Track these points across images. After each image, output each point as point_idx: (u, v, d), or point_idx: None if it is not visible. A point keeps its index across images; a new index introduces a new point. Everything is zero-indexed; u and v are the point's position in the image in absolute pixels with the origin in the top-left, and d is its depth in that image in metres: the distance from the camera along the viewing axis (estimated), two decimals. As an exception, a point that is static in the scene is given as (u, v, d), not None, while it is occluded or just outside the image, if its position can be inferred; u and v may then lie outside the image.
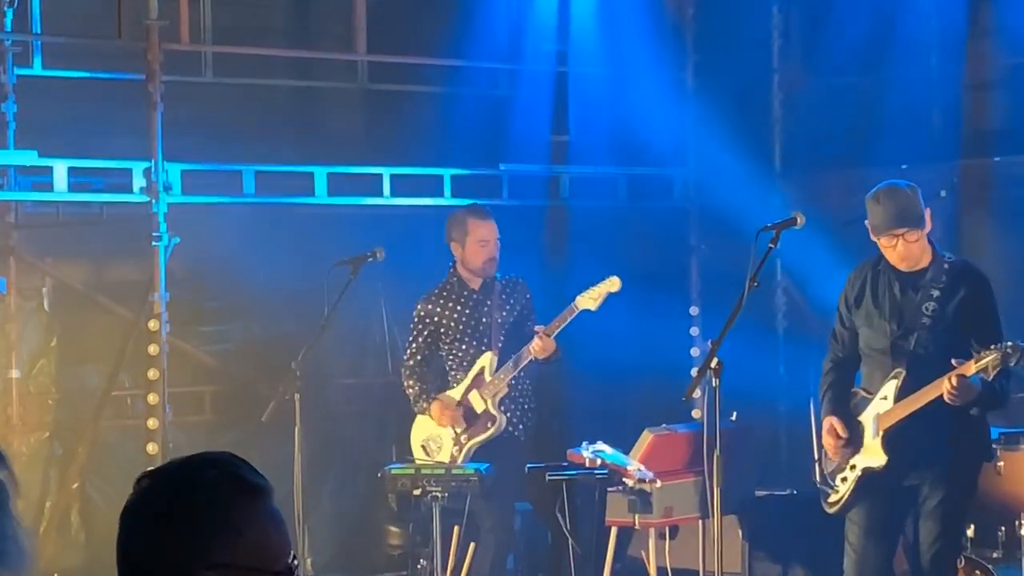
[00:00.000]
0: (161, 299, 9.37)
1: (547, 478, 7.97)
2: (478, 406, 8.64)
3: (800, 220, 6.97)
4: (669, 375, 10.63)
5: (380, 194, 10.28)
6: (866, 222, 7.20)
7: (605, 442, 8.05)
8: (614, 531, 8.26)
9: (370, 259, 8.75)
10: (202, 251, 10.07)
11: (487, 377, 8.64)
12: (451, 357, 8.76)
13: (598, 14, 11.07)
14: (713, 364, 6.77)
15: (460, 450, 8.64)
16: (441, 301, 8.79)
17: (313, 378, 8.79)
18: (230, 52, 10.43)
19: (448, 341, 8.75)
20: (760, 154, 11.36)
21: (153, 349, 9.34)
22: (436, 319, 8.77)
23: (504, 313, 8.72)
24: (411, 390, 8.77)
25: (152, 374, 9.33)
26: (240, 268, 10.30)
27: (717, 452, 6.74)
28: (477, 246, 8.68)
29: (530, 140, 10.76)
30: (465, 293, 8.76)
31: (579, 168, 10.99)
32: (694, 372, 8.49)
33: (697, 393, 8.60)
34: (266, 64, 10.56)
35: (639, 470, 7.90)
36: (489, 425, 8.62)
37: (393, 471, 8.30)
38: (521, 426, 8.68)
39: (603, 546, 8.20)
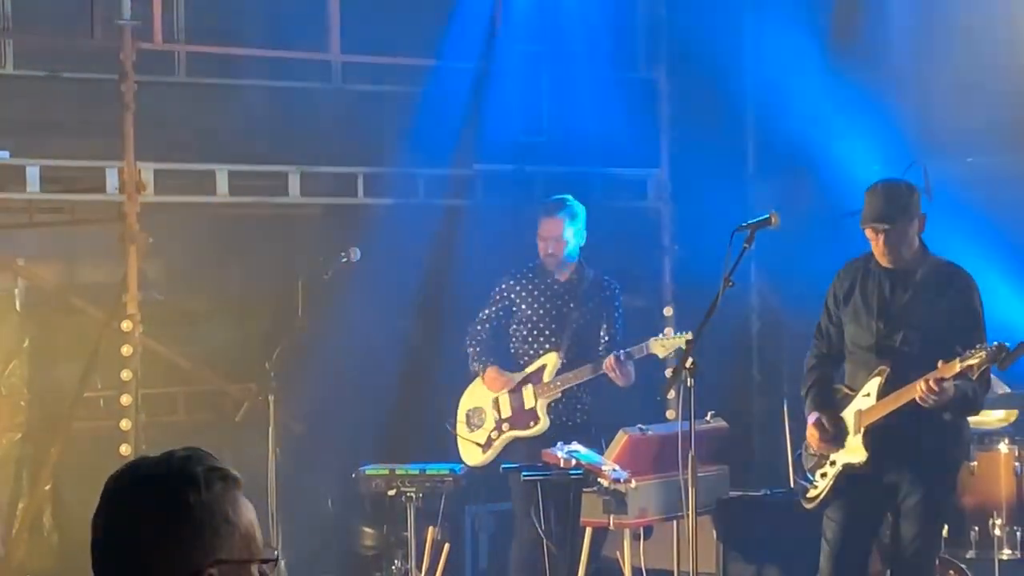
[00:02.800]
0: (134, 299, 9.34)
1: (522, 478, 7.97)
2: (528, 401, 8.69)
3: (775, 220, 6.97)
4: (644, 375, 10.63)
5: (354, 194, 10.27)
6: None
7: (580, 442, 8.06)
8: (589, 531, 8.26)
9: (344, 259, 8.74)
10: (175, 251, 10.05)
11: (546, 378, 8.68)
12: (517, 339, 8.81)
13: (571, 15, 11.08)
14: (687, 364, 6.78)
15: (499, 435, 8.70)
16: (524, 282, 8.85)
17: (287, 378, 8.77)
18: (203, 52, 10.39)
19: (519, 322, 8.80)
20: (734, 155, 11.39)
21: (126, 350, 9.31)
22: (513, 298, 8.84)
23: (581, 314, 8.74)
24: (472, 350, 8.86)
25: (125, 375, 9.30)
26: (214, 268, 10.29)
27: (692, 452, 6.74)
28: (539, 240, 8.78)
29: (504, 140, 10.75)
30: (548, 282, 8.82)
31: (553, 168, 10.98)
32: (668, 373, 8.51)
33: (672, 394, 8.63)
34: (241, 64, 10.53)
35: (614, 470, 7.89)
36: (532, 424, 8.67)
37: (367, 472, 8.30)
38: (571, 424, 8.68)
39: (578, 546, 8.20)
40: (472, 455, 8.81)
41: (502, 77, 10.82)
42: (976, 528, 8.44)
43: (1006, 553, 8.44)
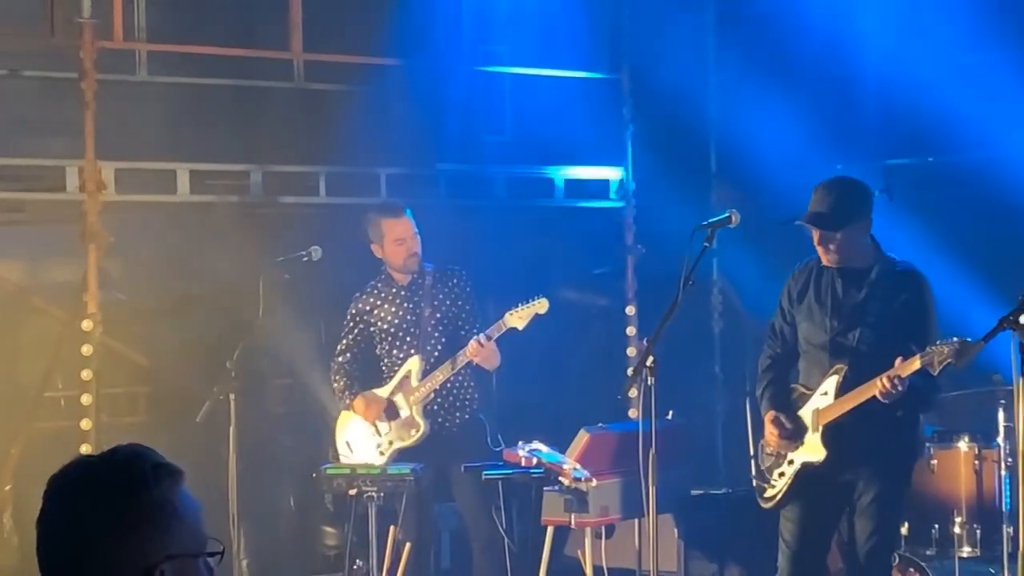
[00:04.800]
0: (95, 299, 9.31)
1: (483, 477, 7.97)
2: (403, 411, 8.62)
3: (735, 219, 6.98)
4: (605, 374, 10.65)
5: (316, 193, 10.26)
6: None
7: (541, 441, 8.06)
8: (550, 530, 8.26)
9: (306, 258, 8.72)
10: (136, 251, 10.01)
11: (413, 382, 8.60)
12: (384, 357, 8.74)
13: (535, 14, 11.09)
14: (649, 363, 6.79)
15: (384, 454, 8.59)
16: (371, 299, 8.76)
17: (248, 378, 8.74)
18: (164, 51, 10.36)
19: (380, 340, 8.73)
20: (696, 155, 11.42)
21: (87, 349, 9.29)
22: (366, 318, 8.75)
23: (434, 310, 8.68)
24: (336, 384, 8.77)
25: (85, 375, 9.28)
26: (175, 268, 10.25)
27: (652, 451, 6.75)
28: (395, 245, 8.64)
29: (467, 139, 10.75)
30: (393, 291, 8.73)
31: (516, 168, 10.99)
32: (630, 371, 8.52)
33: (633, 392, 8.63)
34: (202, 63, 10.50)
35: (575, 469, 7.90)
36: (413, 432, 8.58)
37: (328, 471, 8.28)
38: (457, 421, 8.64)
39: (539, 545, 8.20)
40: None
41: (465, 76, 10.82)
42: (936, 526, 8.47)
43: (966, 551, 8.49)
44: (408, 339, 8.65)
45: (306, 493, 9.69)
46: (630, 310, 11.19)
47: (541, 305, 8.26)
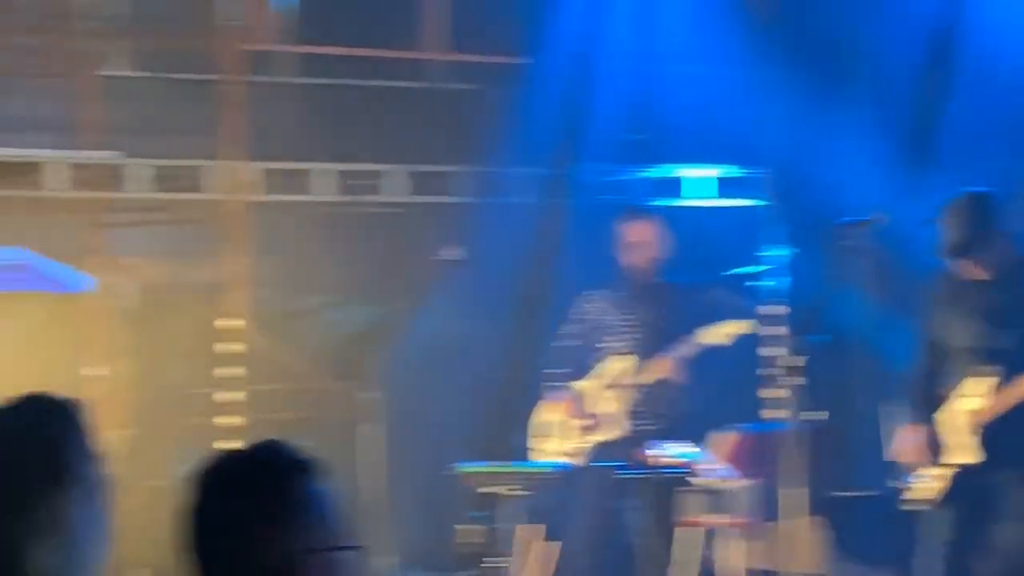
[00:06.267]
0: (240, 298, 9.43)
1: (614, 477, 7.97)
2: (604, 407, 8.66)
3: (879, 220, 6.93)
4: (749, 374, 10.57)
5: (455, 193, 10.30)
6: None
7: (679, 441, 8.03)
8: (686, 530, 8.23)
9: (445, 258, 8.77)
10: (280, 250, 10.12)
11: (620, 382, 8.66)
12: (603, 350, 8.77)
13: (681, 11, 11.02)
14: (794, 363, 6.75)
15: (580, 448, 8.64)
16: (606, 292, 8.81)
17: (392, 376, 8.81)
18: (306, 52, 10.48)
19: (602, 332, 8.78)
20: (850, 151, 11.28)
21: (233, 347, 9.40)
22: (593, 308, 8.81)
23: (658, 316, 8.70)
24: (549, 370, 8.84)
25: (232, 372, 9.39)
26: (317, 267, 10.35)
27: (794, 452, 6.71)
28: (626, 248, 8.72)
29: (605, 138, 10.72)
30: (629, 291, 8.77)
31: (655, 167, 10.94)
32: (775, 372, 8.47)
33: (778, 392, 8.58)
34: (342, 64, 10.60)
35: (715, 469, 7.87)
36: (612, 429, 8.63)
37: (466, 469, 8.33)
38: (659, 426, 8.65)
39: (671, 546, 8.18)
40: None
41: (603, 74, 10.79)
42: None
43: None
44: (628, 340, 8.70)
45: (445, 490, 9.74)
46: (778, 310, 11.08)
47: (736, 326, 8.39)
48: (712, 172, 11.04)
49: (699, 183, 11.05)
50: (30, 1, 9.42)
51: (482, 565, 8.36)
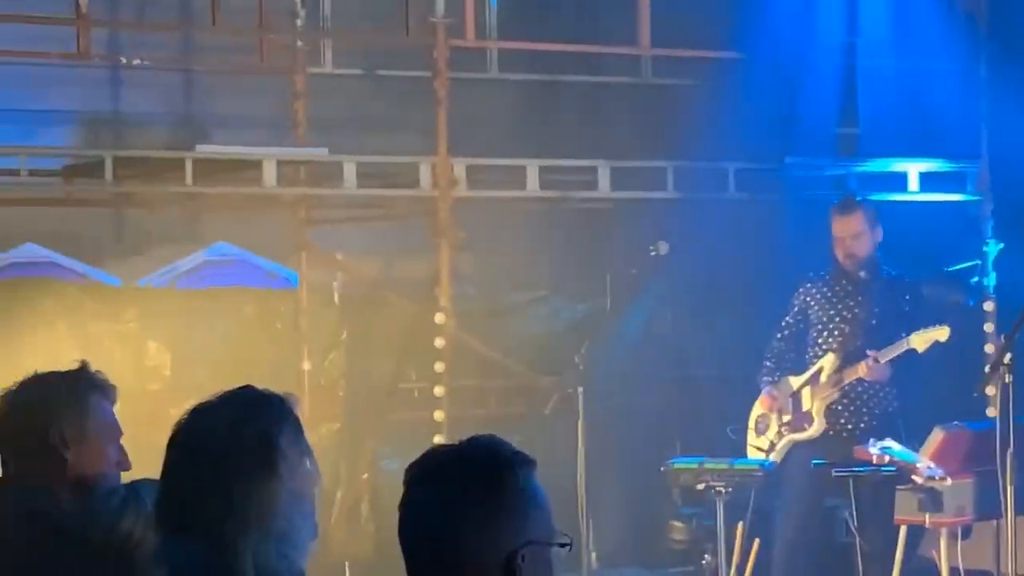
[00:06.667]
0: (447, 293, 9.48)
1: (833, 474, 7.88)
2: (805, 404, 8.59)
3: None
4: (960, 371, 10.36)
5: (664, 188, 10.24)
6: None
7: (893, 439, 7.93)
8: (903, 530, 8.11)
9: (653, 253, 8.74)
10: (486, 246, 10.17)
11: (822, 379, 8.56)
12: (812, 345, 8.71)
13: (887, 5, 10.87)
14: (1006, 360, 6.60)
15: (779, 439, 8.61)
16: (819, 284, 8.74)
17: (596, 371, 8.80)
18: (514, 48, 10.51)
19: (811, 326, 8.72)
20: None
21: (439, 342, 9.45)
22: (808, 300, 8.74)
23: (869, 314, 8.58)
24: (766, 362, 8.80)
25: (438, 367, 9.44)
26: (523, 263, 10.38)
27: (1011, 450, 6.56)
28: (835, 241, 8.66)
29: (816, 133, 10.59)
30: (842, 283, 8.69)
31: (867, 161, 10.78)
32: (987, 368, 8.30)
33: (991, 389, 8.40)
34: (550, 59, 10.61)
35: (929, 468, 7.74)
36: (806, 426, 8.55)
37: (676, 465, 8.29)
38: (862, 425, 8.53)
39: (892, 545, 8.07)
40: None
41: (814, 68, 10.67)
42: None
43: None
44: (836, 334, 8.61)
45: (655, 486, 9.70)
46: (988, 306, 10.86)
47: (942, 332, 8.22)
48: (921, 166, 10.85)
49: (908, 177, 10.86)
50: (245, 1, 9.57)
51: (701, 562, 8.31)
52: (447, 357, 9.46)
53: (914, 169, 10.81)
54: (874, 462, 7.78)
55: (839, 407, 8.53)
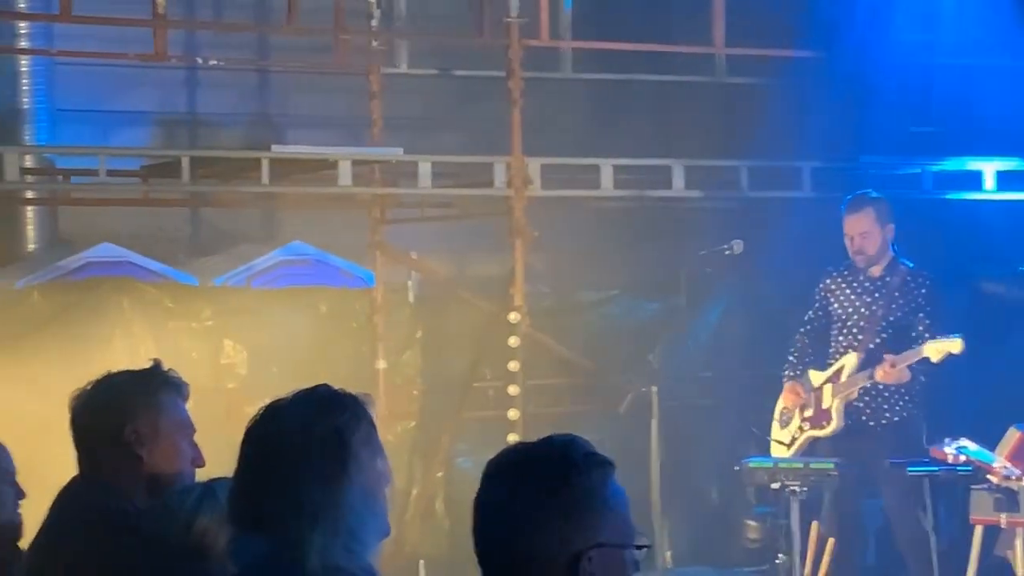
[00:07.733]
0: (521, 292, 9.50)
1: (908, 473, 7.85)
2: (826, 401, 8.56)
3: None
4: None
5: (738, 187, 10.22)
6: None
7: (968, 438, 7.88)
8: (979, 529, 8.06)
9: (728, 252, 8.73)
10: (560, 245, 10.18)
11: (843, 377, 8.54)
12: (832, 341, 8.70)
13: (963, 3, 10.80)
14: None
15: (800, 434, 8.62)
16: (839, 279, 8.73)
17: (669, 370, 8.79)
18: (588, 48, 10.52)
19: (832, 321, 8.71)
20: None
21: (513, 341, 9.47)
22: (828, 296, 8.74)
23: (888, 311, 8.54)
24: (790, 356, 8.79)
25: (512, 366, 9.46)
26: (597, 262, 10.38)
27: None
28: (845, 239, 8.64)
29: (892, 131, 10.54)
30: (859, 279, 8.67)
31: (943, 160, 10.72)
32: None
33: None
34: (624, 59, 10.61)
35: (1005, 467, 7.70)
36: (824, 424, 8.53)
37: (751, 464, 8.29)
38: (884, 421, 8.51)
39: (967, 544, 8.03)
40: (779, 453, 8.70)
41: (890, 67, 10.61)
42: None
43: None
44: (855, 331, 8.58)
45: (729, 486, 9.69)
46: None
47: (955, 345, 8.17)
48: (997, 165, 10.78)
49: (984, 176, 10.79)
50: (320, 1, 9.63)
51: (776, 561, 8.29)
52: (521, 356, 9.47)
53: (990, 168, 10.74)
54: (950, 461, 7.75)
55: (860, 404, 8.51)
